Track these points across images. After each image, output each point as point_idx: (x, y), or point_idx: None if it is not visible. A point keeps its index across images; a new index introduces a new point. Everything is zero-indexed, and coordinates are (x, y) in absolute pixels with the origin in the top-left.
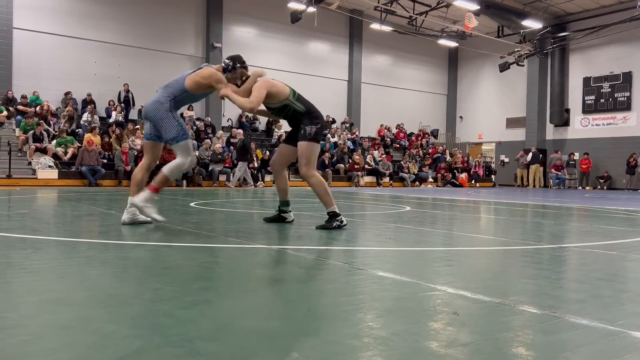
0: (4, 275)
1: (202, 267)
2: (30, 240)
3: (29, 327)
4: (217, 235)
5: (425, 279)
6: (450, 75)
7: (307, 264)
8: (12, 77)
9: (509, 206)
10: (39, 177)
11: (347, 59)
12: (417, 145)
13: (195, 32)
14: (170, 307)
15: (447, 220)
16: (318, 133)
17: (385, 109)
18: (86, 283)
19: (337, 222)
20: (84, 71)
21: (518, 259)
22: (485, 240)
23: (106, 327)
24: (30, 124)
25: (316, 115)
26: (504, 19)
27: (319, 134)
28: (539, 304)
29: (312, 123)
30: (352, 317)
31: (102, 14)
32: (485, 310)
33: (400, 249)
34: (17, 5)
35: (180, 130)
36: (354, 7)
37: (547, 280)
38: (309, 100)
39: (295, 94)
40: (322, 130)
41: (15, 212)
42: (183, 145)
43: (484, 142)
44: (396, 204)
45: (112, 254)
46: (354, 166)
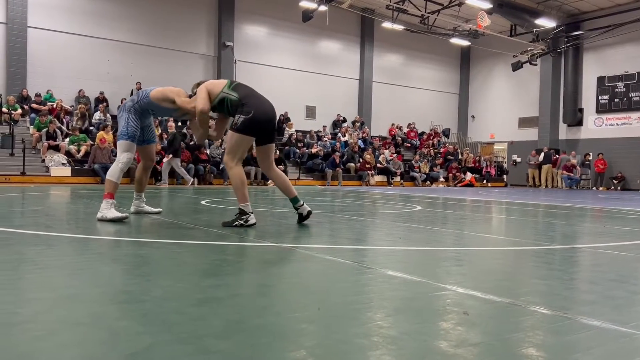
0: (17, 271)
1: (212, 265)
2: (43, 237)
3: (41, 323)
4: (228, 233)
5: (435, 279)
6: (462, 74)
7: (317, 262)
8: (27, 75)
9: (521, 206)
10: (52, 174)
11: (358, 57)
12: (428, 144)
13: (207, 31)
14: (180, 304)
15: (458, 220)
16: (245, 124)
17: (397, 108)
18: (98, 280)
19: (242, 220)
20: (97, 70)
21: (529, 259)
22: (497, 240)
23: (117, 323)
24: (44, 122)
25: (248, 105)
26: (517, 18)
27: (247, 126)
28: (550, 304)
29: (242, 112)
30: (361, 316)
31: (116, 13)
32: (496, 311)
33: (411, 249)
34: (31, 4)
35: (124, 130)
36: (365, 6)
37: (558, 281)
38: (254, 90)
39: (231, 84)
40: (252, 121)
41: (28, 209)
42: (121, 143)
43: (496, 141)
44: (407, 204)
45: (123, 251)
46: (364, 165)
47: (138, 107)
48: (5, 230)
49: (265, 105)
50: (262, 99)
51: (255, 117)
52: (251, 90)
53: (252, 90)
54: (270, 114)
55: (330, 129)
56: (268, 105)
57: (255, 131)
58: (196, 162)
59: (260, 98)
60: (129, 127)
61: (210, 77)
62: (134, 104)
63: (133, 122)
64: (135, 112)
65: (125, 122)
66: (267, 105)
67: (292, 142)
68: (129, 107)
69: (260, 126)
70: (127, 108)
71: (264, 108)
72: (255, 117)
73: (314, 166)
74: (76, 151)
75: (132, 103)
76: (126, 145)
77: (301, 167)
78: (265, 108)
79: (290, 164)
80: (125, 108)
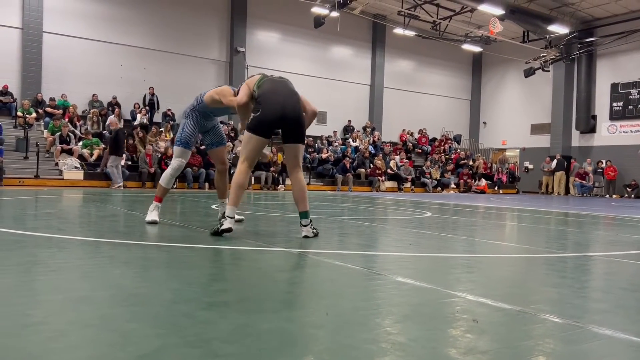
0: (30, 273)
1: (221, 269)
2: (55, 240)
3: (53, 325)
4: (238, 237)
5: (445, 286)
6: (474, 80)
7: (326, 267)
8: (42, 80)
9: (533, 213)
10: (65, 177)
11: (369, 63)
12: (439, 150)
13: (220, 37)
14: (189, 307)
15: (469, 226)
16: (254, 122)
17: (408, 113)
18: (108, 282)
19: (220, 224)
20: (111, 74)
21: (541, 267)
22: (508, 248)
23: (127, 326)
24: (57, 126)
25: (261, 103)
26: (529, 24)
27: (255, 124)
28: (561, 313)
29: (254, 110)
30: (369, 321)
31: (129, 18)
32: (506, 318)
33: (421, 255)
34: (47, 10)
35: (179, 136)
36: (377, 12)
37: (570, 289)
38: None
39: (261, 80)
40: (260, 120)
41: (42, 212)
42: (175, 149)
43: (508, 148)
44: (417, 210)
45: (134, 254)
46: (375, 171)
47: (196, 111)
48: (18, 233)
49: (278, 103)
50: (278, 96)
51: (263, 116)
52: (273, 87)
53: (275, 87)
54: (282, 112)
55: (340, 134)
56: (281, 103)
57: (264, 130)
58: (207, 167)
59: (276, 95)
60: (183, 133)
61: (223, 83)
62: (192, 109)
63: (189, 127)
64: (193, 117)
65: (182, 127)
66: (280, 103)
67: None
68: (187, 113)
69: (270, 125)
70: (186, 114)
71: (275, 106)
72: (262, 116)
73: (324, 171)
74: (89, 155)
75: (189, 108)
76: (178, 151)
77: (311, 173)
78: (277, 106)
79: None
80: (184, 114)
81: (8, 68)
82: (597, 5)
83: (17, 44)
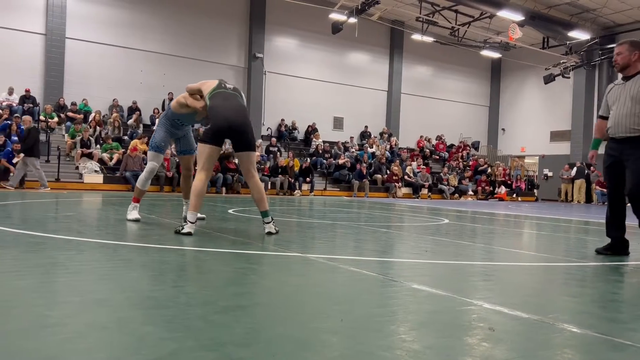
0: (49, 275)
1: (237, 273)
2: (74, 242)
3: (70, 326)
4: (253, 242)
5: (461, 293)
6: (493, 86)
7: (341, 273)
8: (64, 84)
9: (552, 221)
10: (85, 181)
11: (387, 69)
12: (457, 157)
13: (238, 43)
14: (204, 311)
15: (486, 234)
16: (205, 133)
17: (425, 119)
18: (125, 285)
19: (180, 227)
20: (131, 79)
21: (560, 275)
22: (526, 256)
23: (142, 328)
24: (78, 130)
25: (210, 117)
26: (549, 30)
27: (206, 135)
28: (580, 322)
29: (205, 124)
30: (385, 328)
31: (150, 24)
32: (523, 327)
33: (437, 262)
34: (70, 16)
35: (152, 141)
36: (395, 18)
37: (589, 299)
38: (226, 100)
39: (213, 91)
40: (210, 130)
41: (61, 215)
42: (149, 154)
43: (527, 155)
44: (434, 216)
45: (150, 258)
46: (391, 177)
47: (167, 119)
48: (39, 235)
49: (226, 116)
50: (227, 110)
51: (213, 127)
52: (222, 101)
53: (224, 101)
54: (230, 121)
55: (357, 140)
56: (229, 116)
57: (215, 139)
58: (224, 171)
59: (224, 109)
60: (154, 138)
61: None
62: (162, 117)
63: (159, 133)
64: (163, 124)
65: (154, 134)
66: (227, 116)
67: (318, 153)
68: (160, 120)
69: (220, 135)
70: (159, 121)
71: (223, 119)
72: (212, 128)
73: (341, 177)
74: (108, 159)
75: (162, 116)
76: (151, 155)
77: (328, 178)
78: (224, 117)
79: (317, 174)
80: (159, 121)
81: (31, 73)
82: (618, 11)
83: (40, 50)
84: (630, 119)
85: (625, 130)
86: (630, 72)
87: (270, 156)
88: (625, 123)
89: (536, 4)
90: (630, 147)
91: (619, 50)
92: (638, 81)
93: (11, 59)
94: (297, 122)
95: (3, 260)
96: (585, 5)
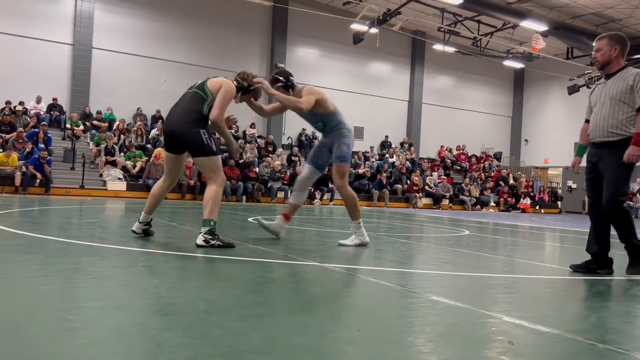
0: (71, 280)
1: (256, 282)
2: (96, 248)
3: (91, 331)
4: (273, 250)
5: (480, 306)
6: (516, 97)
7: (359, 283)
8: (90, 93)
9: (575, 234)
10: (109, 188)
11: (408, 79)
12: (478, 167)
13: (261, 53)
14: (223, 318)
15: (508, 246)
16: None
17: (447, 130)
18: (146, 291)
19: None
20: (155, 89)
21: (582, 289)
22: (548, 269)
23: (161, 335)
24: (103, 138)
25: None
26: (573, 41)
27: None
28: (602, 337)
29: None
30: (402, 340)
31: (173, 34)
32: (543, 341)
33: (457, 274)
34: (97, 27)
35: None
36: (416, 29)
37: (612, 314)
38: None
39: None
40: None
41: (85, 221)
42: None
43: (550, 166)
44: (455, 228)
45: (171, 265)
46: (412, 187)
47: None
48: (63, 241)
49: (166, 119)
50: (169, 113)
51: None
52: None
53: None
54: (166, 123)
55: (377, 149)
56: (167, 119)
57: (165, 144)
58: (245, 180)
59: (169, 112)
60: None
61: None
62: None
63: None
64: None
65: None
66: (167, 119)
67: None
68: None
69: (165, 139)
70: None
71: (165, 122)
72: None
73: (361, 187)
74: (132, 167)
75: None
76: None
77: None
78: (165, 122)
79: None
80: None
81: (59, 82)
82: None
83: (67, 59)
84: (607, 121)
85: (602, 134)
86: (612, 70)
87: (291, 165)
88: (603, 126)
89: (560, 14)
90: (608, 152)
91: (598, 45)
92: (617, 80)
93: (40, 69)
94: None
95: (30, 265)
96: (610, 16)
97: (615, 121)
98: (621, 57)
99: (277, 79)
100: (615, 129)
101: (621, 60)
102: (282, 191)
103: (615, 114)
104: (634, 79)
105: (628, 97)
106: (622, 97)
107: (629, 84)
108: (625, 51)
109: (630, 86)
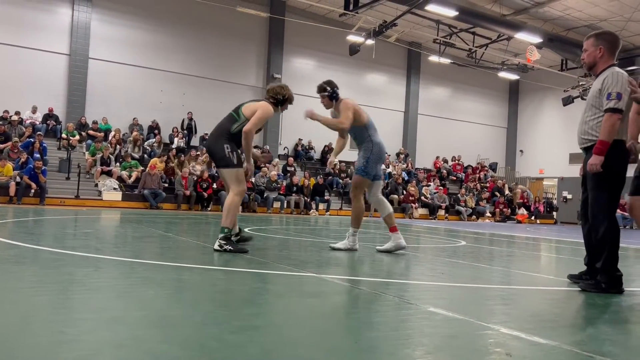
0: (66, 291)
1: (252, 293)
2: (92, 259)
3: (86, 343)
4: (269, 261)
5: (478, 317)
6: (511, 108)
7: (356, 295)
8: (86, 103)
9: (571, 245)
10: (104, 198)
11: (404, 90)
12: (474, 178)
13: (257, 63)
14: (219, 330)
15: (504, 256)
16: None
17: (442, 140)
18: (142, 303)
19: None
20: (151, 99)
21: (580, 300)
22: (545, 280)
23: (158, 347)
24: (99, 148)
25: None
26: (568, 52)
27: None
28: (599, 349)
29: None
30: (399, 352)
31: (170, 45)
32: (541, 353)
33: (454, 285)
34: (93, 37)
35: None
36: (412, 40)
37: (610, 325)
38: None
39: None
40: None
41: (80, 232)
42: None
43: (545, 177)
44: (451, 238)
45: (167, 276)
46: (408, 198)
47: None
48: (58, 252)
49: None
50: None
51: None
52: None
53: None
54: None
55: None
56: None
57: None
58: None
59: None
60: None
61: None
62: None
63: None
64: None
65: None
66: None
67: (334, 172)
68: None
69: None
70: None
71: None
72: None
73: None
74: (127, 177)
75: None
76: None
77: (344, 198)
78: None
79: (333, 194)
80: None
81: (55, 92)
82: (637, 33)
83: (64, 69)
84: (581, 127)
85: (578, 140)
86: (597, 71)
87: (287, 175)
88: (579, 131)
89: (554, 26)
90: (586, 159)
91: (585, 46)
92: (596, 83)
93: (36, 79)
94: (314, 142)
95: (23, 276)
96: (604, 28)
97: (587, 126)
98: (608, 57)
99: (325, 88)
100: (586, 135)
101: (609, 60)
102: (278, 201)
103: (587, 119)
104: (603, 81)
105: (598, 100)
106: (593, 101)
107: (597, 87)
108: (614, 50)
109: (598, 89)
